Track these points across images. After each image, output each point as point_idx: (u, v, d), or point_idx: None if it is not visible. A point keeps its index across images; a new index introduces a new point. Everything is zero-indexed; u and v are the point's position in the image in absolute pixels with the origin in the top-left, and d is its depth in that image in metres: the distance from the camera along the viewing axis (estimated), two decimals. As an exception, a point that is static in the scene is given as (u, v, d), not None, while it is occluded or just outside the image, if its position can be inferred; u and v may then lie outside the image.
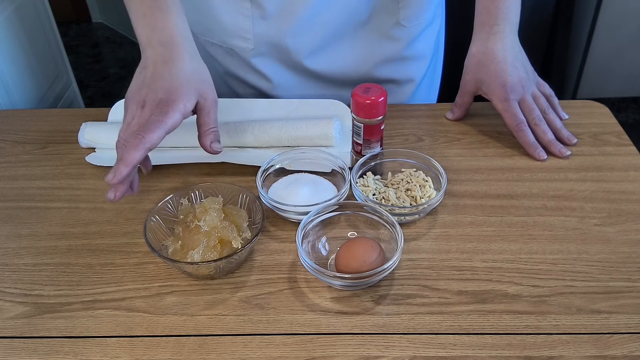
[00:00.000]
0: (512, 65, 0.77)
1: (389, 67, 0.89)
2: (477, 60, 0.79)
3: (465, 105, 0.84)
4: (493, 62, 0.77)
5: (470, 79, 0.80)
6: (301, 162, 0.73)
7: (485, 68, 0.78)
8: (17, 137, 0.84)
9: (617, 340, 0.54)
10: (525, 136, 0.77)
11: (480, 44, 0.78)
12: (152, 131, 0.59)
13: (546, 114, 0.78)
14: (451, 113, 0.85)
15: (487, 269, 0.62)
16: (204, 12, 0.84)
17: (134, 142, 0.59)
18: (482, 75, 0.78)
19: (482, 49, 0.78)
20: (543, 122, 0.77)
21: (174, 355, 0.54)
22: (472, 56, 0.80)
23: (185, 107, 0.62)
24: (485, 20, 0.78)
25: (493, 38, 0.77)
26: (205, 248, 0.59)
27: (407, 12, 0.83)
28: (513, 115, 0.77)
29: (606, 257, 0.63)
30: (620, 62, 2.03)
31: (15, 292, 0.61)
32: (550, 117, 0.79)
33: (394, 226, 0.61)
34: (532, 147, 0.76)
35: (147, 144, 0.59)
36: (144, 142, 0.59)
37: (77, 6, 3.12)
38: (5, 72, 1.05)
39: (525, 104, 0.77)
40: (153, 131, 0.59)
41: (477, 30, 0.79)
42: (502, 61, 0.77)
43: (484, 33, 0.78)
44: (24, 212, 0.71)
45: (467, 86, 0.81)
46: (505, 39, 0.77)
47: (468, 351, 0.54)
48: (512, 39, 0.78)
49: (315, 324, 0.57)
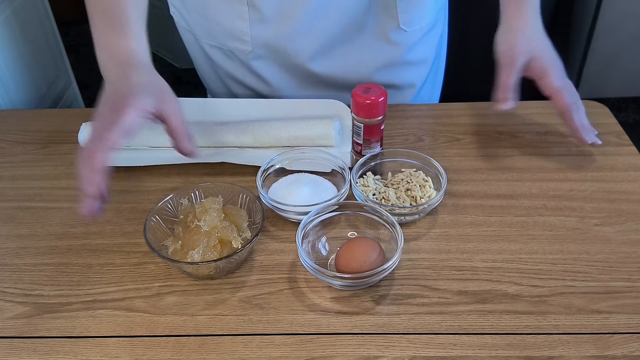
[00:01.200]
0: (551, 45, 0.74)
1: (389, 72, 0.88)
2: (526, 35, 0.73)
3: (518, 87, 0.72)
4: (545, 39, 0.73)
5: (524, 51, 0.72)
6: (301, 162, 0.73)
7: (538, 44, 0.73)
8: (17, 137, 0.84)
9: (617, 340, 0.54)
10: (578, 118, 0.72)
11: (524, 20, 0.73)
12: (109, 131, 0.56)
13: None
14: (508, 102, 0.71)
15: (487, 269, 0.62)
16: (204, 14, 0.84)
17: (95, 147, 0.56)
18: (537, 51, 0.72)
19: (526, 24, 0.73)
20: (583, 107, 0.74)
21: (174, 355, 0.54)
22: (518, 29, 0.73)
23: (140, 104, 0.58)
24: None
25: (533, 13, 0.73)
26: (205, 248, 0.59)
27: (407, 16, 0.83)
28: (566, 95, 0.72)
29: (606, 257, 0.63)
30: (620, 62, 2.03)
31: (15, 292, 0.61)
32: None
33: (394, 226, 0.61)
34: (585, 130, 0.73)
35: (107, 143, 0.55)
36: (104, 142, 0.56)
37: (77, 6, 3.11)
38: (5, 72, 1.05)
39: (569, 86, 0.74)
40: (110, 130, 0.56)
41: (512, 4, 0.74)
42: (546, 38, 0.73)
43: (523, 9, 0.73)
44: (24, 212, 0.71)
45: (519, 60, 0.71)
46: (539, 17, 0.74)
47: (468, 351, 0.54)
48: None
49: (315, 324, 0.57)
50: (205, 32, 0.86)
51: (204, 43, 0.88)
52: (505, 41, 0.73)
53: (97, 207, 0.56)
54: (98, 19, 0.65)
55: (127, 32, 0.64)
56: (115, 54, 0.63)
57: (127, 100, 0.58)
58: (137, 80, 0.61)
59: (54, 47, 1.28)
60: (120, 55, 0.63)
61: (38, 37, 1.20)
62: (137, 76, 0.62)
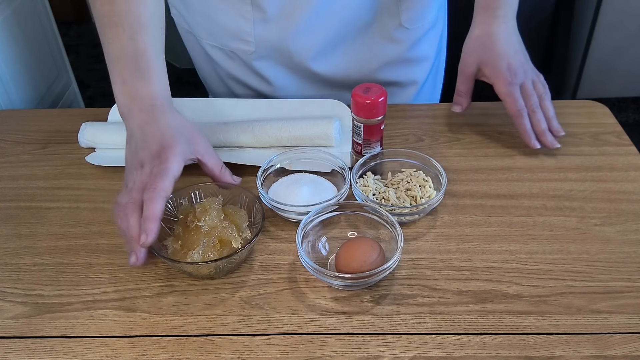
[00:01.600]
0: (514, 49, 0.77)
1: (391, 69, 0.88)
2: (480, 42, 0.77)
3: (469, 92, 0.81)
4: (497, 45, 0.76)
5: (472, 61, 0.78)
6: (301, 162, 0.73)
7: (488, 50, 0.77)
8: (17, 137, 0.84)
9: (617, 340, 0.54)
10: (524, 123, 0.76)
11: (483, 27, 0.77)
12: (161, 179, 0.58)
13: (542, 101, 0.78)
14: (458, 106, 0.81)
15: (487, 269, 0.62)
16: (206, 14, 0.84)
17: (150, 196, 0.57)
18: (486, 57, 0.77)
19: (485, 32, 0.77)
20: (539, 110, 0.77)
21: (174, 355, 0.54)
22: (475, 38, 0.78)
23: (183, 152, 0.61)
24: (488, 4, 0.77)
25: (496, 21, 0.76)
26: (205, 248, 0.59)
27: (410, 14, 0.83)
28: (515, 100, 0.76)
29: (606, 257, 0.63)
30: (620, 62, 2.03)
31: (15, 292, 0.61)
32: (546, 105, 0.78)
33: (394, 226, 0.61)
34: (529, 135, 0.76)
35: (161, 193, 0.57)
36: (158, 191, 0.57)
37: (77, 6, 3.12)
38: (5, 72, 1.05)
39: (525, 90, 0.76)
40: (162, 179, 0.58)
41: (480, 13, 0.78)
42: (506, 44, 0.76)
43: (487, 16, 0.77)
44: (24, 212, 0.71)
45: (469, 69, 0.79)
46: (508, 22, 0.77)
47: (468, 351, 0.54)
48: (513, 25, 0.77)
49: (315, 324, 0.57)
50: (207, 33, 0.86)
51: (205, 44, 0.88)
52: (463, 49, 0.80)
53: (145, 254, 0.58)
54: (117, 65, 0.65)
55: (149, 76, 0.64)
56: (137, 99, 0.64)
57: (169, 149, 0.60)
58: (170, 125, 0.63)
59: (54, 47, 1.28)
60: (142, 99, 0.64)
61: (38, 37, 1.20)
62: (166, 120, 0.63)
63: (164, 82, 0.66)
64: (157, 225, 0.57)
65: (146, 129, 0.63)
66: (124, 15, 0.64)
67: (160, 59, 0.67)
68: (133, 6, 0.65)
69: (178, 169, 0.60)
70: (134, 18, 0.65)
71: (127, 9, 0.65)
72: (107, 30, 0.65)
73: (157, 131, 0.62)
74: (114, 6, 0.65)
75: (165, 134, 0.62)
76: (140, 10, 0.65)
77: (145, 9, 0.65)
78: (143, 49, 0.64)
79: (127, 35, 0.64)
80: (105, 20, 0.65)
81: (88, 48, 2.96)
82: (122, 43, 0.64)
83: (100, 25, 0.66)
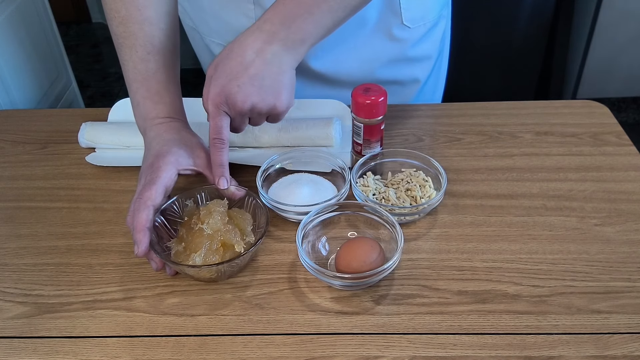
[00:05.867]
0: None
1: (393, 68, 0.88)
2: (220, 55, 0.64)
3: None
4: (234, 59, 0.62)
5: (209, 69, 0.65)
6: (301, 162, 0.73)
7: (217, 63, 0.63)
8: (17, 137, 0.84)
9: (617, 340, 0.54)
10: None
11: None
12: (148, 188, 0.61)
13: None
14: None
15: (487, 269, 0.62)
16: (209, 12, 0.84)
17: (136, 206, 0.60)
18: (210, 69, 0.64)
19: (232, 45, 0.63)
20: None
21: (174, 355, 0.54)
22: None
23: (176, 161, 0.64)
24: None
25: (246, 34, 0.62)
26: (208, 251, 0.59)
27: (411, 13, 0.83)
28: None
29: (606, 257, 0.63)
30: (620, 62, 2.03)
31: (15, 292, 0.61)
32: None
33: (394, 226, 0.61)
34: None
35: (147, 202, 0.60)
36: (144, 200, 0.60)
37: (77, 6, 3.12)
38: (5, 72, 1.05)
39: None
40: (149, 188, 0.61)
41: None
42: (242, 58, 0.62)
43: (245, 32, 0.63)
44: (24, 212, 0.71)
45: None
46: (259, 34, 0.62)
47: (468, 351, 0.54)
48: None
49: (315, 324, 0.57)
50: (211, 30, 0.87)
51: (210, 41, 0.88)
52: None
53: (145, 245, 0.59)
54: (132, 87, 0.69)
55: (158, 98, 0.68)
56: (147, 120, 0.68)
57: (162, 158, 0.63)
58: (172, 139, 0.66)
59: (54, 47, 1.28)
60: (153, 120, 0.68)
61: (38, 37, 1.20)
62: (171, 135, 0.67)
63: (175, 101, 0.69)
64: (146, 234, 0.59)
65: (152, 144, 0.66)
66: (135, 37, 0.67)
67: (172, 78, 0.69)
68: (146, 26, 0.67)
69: (168, 177, 0.63)
70: (145, 39, 0.67)
71: (139, 29, 0.67)
72: (121, 50, 0.68)
73: (157, 144, 0.66)
74: (127, 27, 0.67)
75: (163, 146, 0.65)
76: (153, 31, 0.67)
77: (158, 30, 0.68)
78: (154, 70, 0.67)
79: (139, 57, 0.67)
80: (120, 41, 0.68)
81: (88, 48, 2.97)
82: (134, 65, 0.67)
83: (116, 45, 0.69)
